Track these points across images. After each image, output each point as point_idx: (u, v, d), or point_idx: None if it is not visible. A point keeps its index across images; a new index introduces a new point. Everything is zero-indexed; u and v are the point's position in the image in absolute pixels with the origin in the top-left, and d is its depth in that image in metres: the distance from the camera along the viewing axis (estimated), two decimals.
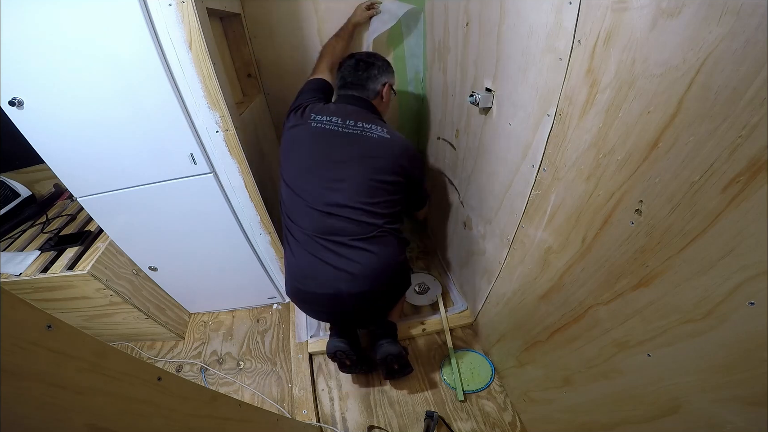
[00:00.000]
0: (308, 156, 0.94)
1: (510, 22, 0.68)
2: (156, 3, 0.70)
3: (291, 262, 0.96)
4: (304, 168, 0.94)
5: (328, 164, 0.92)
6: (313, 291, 0.92)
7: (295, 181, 0.94)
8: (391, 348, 1.02)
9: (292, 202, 0.94)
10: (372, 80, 1.03)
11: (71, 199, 1.39)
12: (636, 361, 0.53)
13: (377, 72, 1.04)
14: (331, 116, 0.95)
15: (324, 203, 0.90)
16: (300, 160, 0.95)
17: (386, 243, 0.93)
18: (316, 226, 0.90)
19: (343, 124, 0.95)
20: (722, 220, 0.37)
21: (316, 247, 0.90)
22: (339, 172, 0.92)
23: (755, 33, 0.31)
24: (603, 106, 0.49)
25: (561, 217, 0.64)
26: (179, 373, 1.32)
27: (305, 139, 0.96)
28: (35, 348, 0.29)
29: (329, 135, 0.94)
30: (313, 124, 0.95)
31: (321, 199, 0.91)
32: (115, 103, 0.80)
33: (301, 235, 0.92)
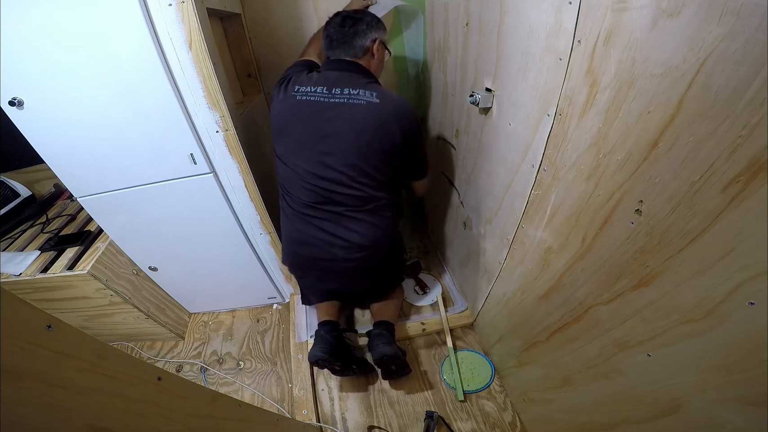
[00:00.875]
0: (296, 132, 0.92)
1: (510, 22, 0.68)
2: (156, 3, 0.70)
3: (288, 229, 0.97)
4: (294, 144, 0.93)
5: (317, 138, 0.89)
6: (308, 256, 0.94)
7: (288, 158, 0.93)
8: (386, 349, 1.02)
9: (287, 176, 0.95)
10: (360, 36, 0.94)
11: (71, 199, 1.39)
12: (636, 361, 0.53)
13: (365, 27, 0.95)
14: (316, 86, 0.91)
15: (319, 177, 0.90)
16: (289, 137, 0.93)
17: (383, 215, 0.94)
18: (314, 198, 0.92)
19: (328, 93, 0.90)
20: (722, 220, 0.37)
21: (313, 215, 0.93)
22: (329, 145, 0.89)
23: (755, 33, 0.31)
24: (603, 106, 0.49)
25: (561, 217, 0.64)
26: (179, 373, 1.32)
27: (291, 115, 0.92)
28: (35, 348, 0.29)
29: (315, 107, 0.90)
30: (298, 97, 0.91)
31: (315, 174, 0.90)
32: (115, 103, 0.80)
33: (298, 204, 0.94)
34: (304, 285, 1.20)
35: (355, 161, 0.89)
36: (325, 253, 0.92)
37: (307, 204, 0.92)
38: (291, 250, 0.97)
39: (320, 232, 0.91)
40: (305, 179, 0.91)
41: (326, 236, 0.91)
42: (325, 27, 0.99)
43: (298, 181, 0.92)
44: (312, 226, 0.92)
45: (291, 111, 0.92)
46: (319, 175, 0.90)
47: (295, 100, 0.91)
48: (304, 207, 0.93)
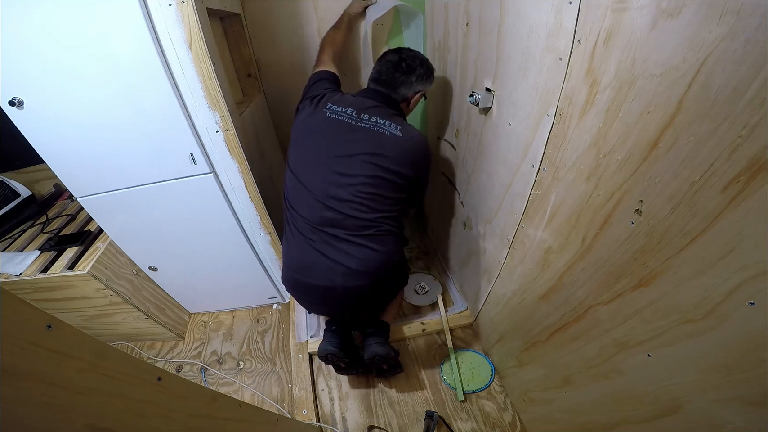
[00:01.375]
0: (316, 147, 0.93)
1: (510, 22, 0.68)
2: (156, 3, 0.70)
3: (288, 251, 0.96)
4: (311, 158, 0.93)
5: (334, 156, 0.90)
6: (307, 282, 0.92)
7: (300, 171, 0.93)
8: (378, 349, 1.02)
9: (295, 191, 0.94)
10: (406, 86, 0.97)
11: (71, 199, 1.39)
12: (636, 361, 0.53)
13: (415, 80, 0.97)
14: (347, 108, 0.93)
15: (327, 196, 0.89)
16: (308, 150, 0.94)
17: (385, 240, 0.92)
18: (317, 218, 0.90)
19: (357, 117, 0.92)
20: (722, 220, 0.37)
21: (315, 238, 0.91)
22: (345, 166, 0.90)
23: (755, 33, 0.31)
24: (603, 106, 0.49)
25: (561, 217, 0.64)
26: (179, 373, 1.32)
27: (316, 129, 0.94)
28: (35, 348, 0.29)
29: (340, 127, 0.92)
30: (327, 114, 0.93)
31: (324, 191, 0.89)
32: (115, 103, 0.80)
33: (301, 224, 0.92)
34: (304, 305, 1.18)
35: (366, 185, 0.89)
36: (324, 279, 0.90)
37: (310, 224, 0.91)
38: (290, 275, 0.96)
39: (320, 257, 0.90)
40: (314, 196, 0.90)
41: (326, 261, 0.89)
42: (380, 59, 1.01)
43: (305, 197, 0.91)
44: (312, 251, 0.90)
45: (317, 125, 0.94)
46: (329, 194, 0.89)
47: (323, 116, 0.93)
48: (306, 228, 0.91)
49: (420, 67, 0.98)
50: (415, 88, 0.99)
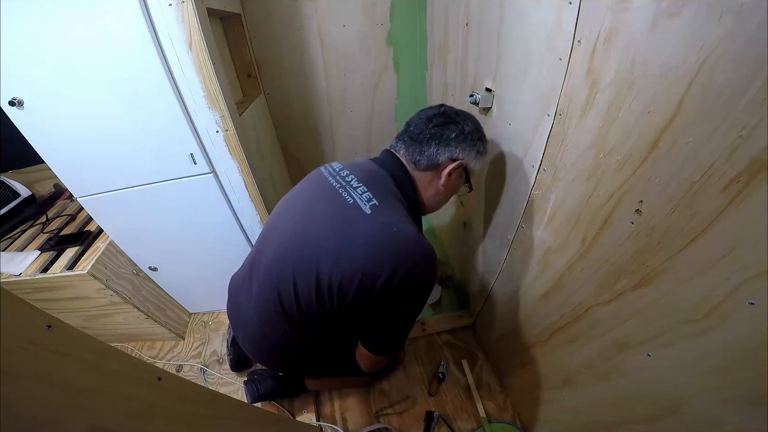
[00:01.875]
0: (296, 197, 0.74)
1: (510, 22, 0.68)
2: (156, 3, 0.70)
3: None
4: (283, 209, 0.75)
5: (282, 220, 0.71)
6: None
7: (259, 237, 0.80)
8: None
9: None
10: (438, 142, 0.67)
11: (71, 199, 1.39)
12: (636, 361, 0.53)
13: (455, 136, 0.67)
14: (353, 163, 0.72)
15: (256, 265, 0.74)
16: (285, 202, 0.76)
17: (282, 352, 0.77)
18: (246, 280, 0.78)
19: (334, 172, 0.70)
20: (722, 220, 0.37)
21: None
22: (278, 234, 0.70)
23: (755, 33, 0.31)
24: (603, 106, 0.49)
25: (561, 217, 0.64)
26: (179, 373, 1.31)
27: (301, 188, 0.75)
28: (35, 348, 0.29)
29: (310, 183, 0.73)
30: (322, 170, 0.74)
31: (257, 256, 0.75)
32: (115, 102, 0.80)
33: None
34: None
35: (290, 276, 0.63)
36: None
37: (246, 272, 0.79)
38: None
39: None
40: (255, 247, 0.78)
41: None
42: (418, 113, 0.73)
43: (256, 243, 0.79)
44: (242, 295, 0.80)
45: (303, 185, 0.76)
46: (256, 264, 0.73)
47: (317, 174, 0.74)
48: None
49: (465, 121, 0.68)
50: (451, 151, 0.67)
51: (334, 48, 1.26)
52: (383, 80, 1.37)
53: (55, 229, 1.22)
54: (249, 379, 1.08)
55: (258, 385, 1.04)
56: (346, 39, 1.25)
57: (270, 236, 0.73)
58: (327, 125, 1.45)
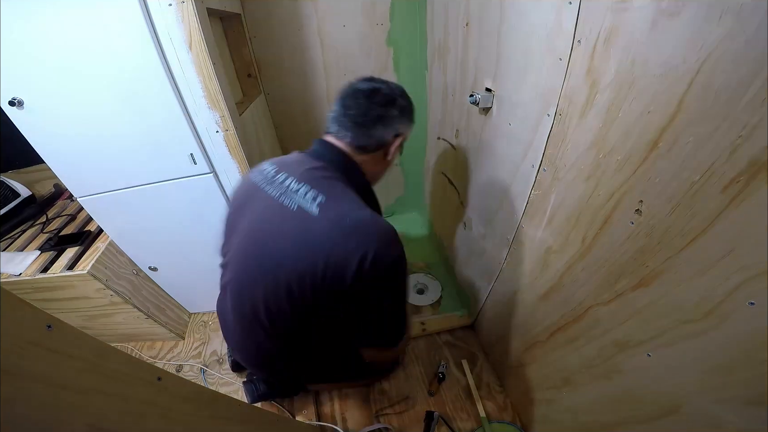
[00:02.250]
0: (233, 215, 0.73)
1: (510, 22, 0.68)
2: (156, 3, 0.70)
3: None
4: (226, 228, 0.74)
5: (226, 240, 0.70)
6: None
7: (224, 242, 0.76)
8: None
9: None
10: (385, 123, 0.67)
11: (71, 199, 1.39)
12: (636, 361, 0.53)
13: (398, 113, 0.67)
14: (280, 166, 0.67)
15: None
16: (228, 219, 0.75)
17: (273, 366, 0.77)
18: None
19: (268, 179, 0.65)
20: (722, 220, 0.37)
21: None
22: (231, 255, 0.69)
23: (755, 33, 0.31)
24: (603, 106, 0.49)
25: (561, 217, 0.64)
26: (179, 373, 1.32)
27: (237, 198, 0.72)
28: (35, 348, 0.29)
29: (241, 197, 0.70)
30: (253, 178, 0.69)
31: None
32: (115, 102, 0.80)
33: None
34: None
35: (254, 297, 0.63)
36: None
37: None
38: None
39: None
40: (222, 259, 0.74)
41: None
42: (342, 96, 0.69)
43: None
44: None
45: (237, 195, 0.72)
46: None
47: (248, 184, 0.69)
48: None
49: (400, 96, 0.69)
50: (395, 128, 0.68)
51: (334, 48, 1.26)
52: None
53: (55, 229, 1.22)
54: (248, 379, 1.08)
55: (257, 385, 1.04)
56: (346, 39, 1.25)
57: (230, 260, 0.70)
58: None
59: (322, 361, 0.82)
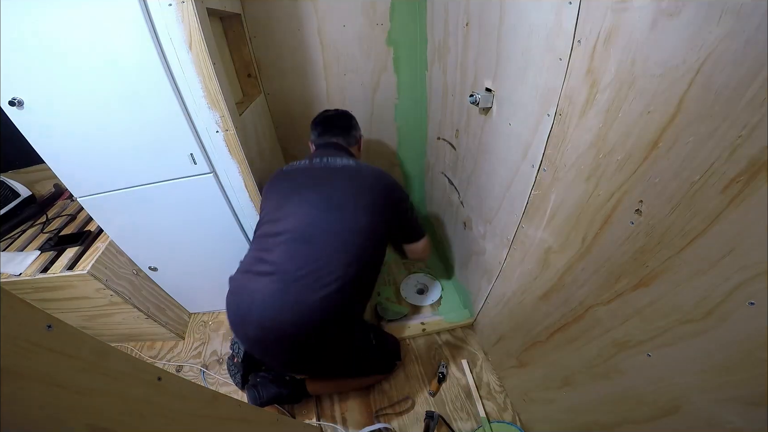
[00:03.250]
0: (276, 193, 0.96)
1: (510, 22, 0.68)
2: (156, 3, 0.70)
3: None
4: (273, 204, 0.94)
5: (291, 194, 0.93)
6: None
7: (272, 216, 0.93)
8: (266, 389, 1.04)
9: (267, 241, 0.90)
10: (352, 129, 1.14)
11: (71, 199, 1.39)
12: (636, 361, 0.53)
13: (354, 122, 1.16)
14: (299, 161, 1.01)
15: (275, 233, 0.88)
16: (269, 201, 0.97)
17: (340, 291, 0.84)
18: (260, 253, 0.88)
19: (309, 163, 0.99)
20: (722, 220, 0.37)
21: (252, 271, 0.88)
22: (301, 197, 0.91)
23: (755, 33, 0.31)
24: (603, 106, 0.49)
25: (561, 217, 0.64)
26: (179, 373, 1.32)
27: (272, 186, 0.99)
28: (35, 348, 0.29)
29: (295, 174, 0.97)
30: (284, 169, 1.01)
31: (274, 222, 0.90)
32: (114, 102, 0.80)
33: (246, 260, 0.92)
34: None
35: (324, 217, 0.86)
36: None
37: (255, 256, 0.89)
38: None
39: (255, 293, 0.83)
40: (267, 232, 0.90)
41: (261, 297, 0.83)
42: (315, 120, 1.15)
43: (257, 235, 0.93)
44: (250, 284, 0.86)
45: (273, 186, 0.99)
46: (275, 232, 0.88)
47: (280, 176, 1.00)
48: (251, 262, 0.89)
49: (350, 114, 1.18)
50: (357, 131, 1.16)
51: (334, 48, 1.26)
52: (383, 80, 1.37)
53: (55, 229, 1.22)
54: (251, 384, 1.08)
55: (260, 391, 1.04)
56: (346, 39, 1.25)
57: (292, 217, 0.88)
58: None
59: (348, 354, 0.96)
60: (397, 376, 1.17)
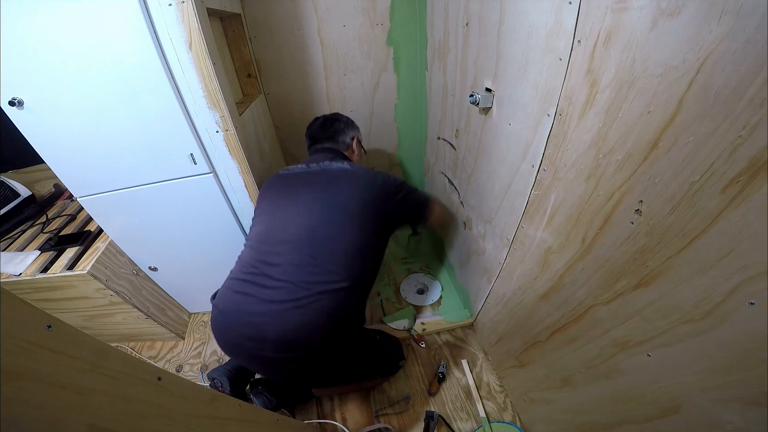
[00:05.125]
0: (271, 197, 0.95)
1: (510, 22, 0.68)
2: (156, 3, 0.70)
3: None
4: (267, 207, 0.93)
5: (289, 200, 0.91)
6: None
7: (255, 234, 0.91)
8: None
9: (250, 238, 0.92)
10: (340, 133, 1.12)
11: (71, 199, 1.39)
12: (636, 361, 0.53)
13: (343, 126, 1.13)
14: (295, 165, 1.01)
15: (275, 240, 0.85)
16: (264, 203, 0.95)
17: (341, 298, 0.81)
18: (253, 264, 0.84)
19: (306, 167, 0.98)
20: (722, 220, 0.37)
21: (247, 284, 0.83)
22: (299, 205, 0.89)
23: (755, 33, 0.31)
24: (603, 106, 0.49)
25: (561, 217, 0.64)
26: (179, 373, 1.32)
27: (270, 188, 0.97)
28: (35, 348, 0.29)
29: (292, 178, 0.96)
30: (281, 172, 1.00)
31: (273, 233, 0.87)
32: (114, 102, 0.80)
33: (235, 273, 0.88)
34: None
35: (313, 223, 0.84)
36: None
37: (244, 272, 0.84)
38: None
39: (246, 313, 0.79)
40: (254, 243, 0.88)
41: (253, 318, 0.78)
42: (307, 130, 1.17)
43: (248, 244, 0.90)
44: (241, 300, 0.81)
45: (267, 187, 0.98)
46: (278, 238, 0.85)
47: (276, 177, 0.99)
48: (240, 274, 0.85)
49: (341, 116, 1.16)
50: (348, 134, 1.14)
51: (334, 48, 1.26)
52: (383, 80, 1.37)
53: (55, 229, 1.22)
54: (256, 391, 1.05)
55: (269, 396, 1.03)
56: (346, 39, 1.25)
57: (289, 219, 0.87)
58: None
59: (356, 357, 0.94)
60: (397, 376, 1.17)
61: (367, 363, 1.01)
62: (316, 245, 0.82)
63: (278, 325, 0.76)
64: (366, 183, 0.92)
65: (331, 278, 0.80)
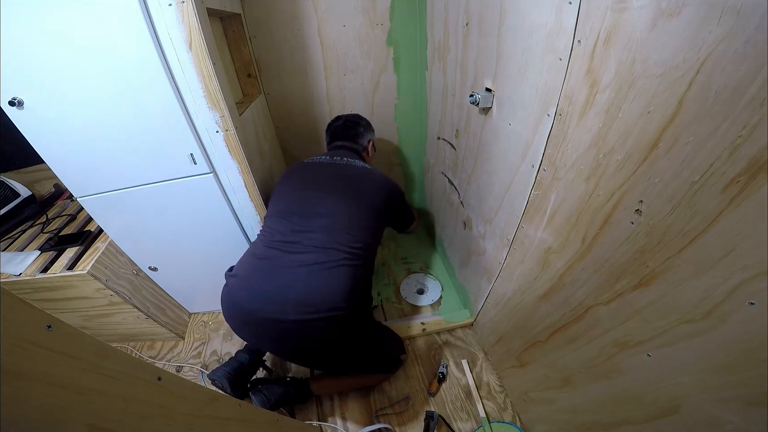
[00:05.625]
0: (296, 179, 1.06)
1: (510, 22, 0.68)
2: (156, 3, 0.70)
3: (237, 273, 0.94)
4: (291, 189, 1.03)
5: (313, 183, 1.03)
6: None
7: (277, 197, 1.03)
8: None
9: (269, 214, 1.00)
10: (360, 136, 1.22)
11: (71, 199, 1.39)
12: (636, 361, 0.53)
13: (362, 130, 1.23)
14: (320, 156, 1.12)
15: (296, 214, 0.95)
16: (288, 185, 1.05)
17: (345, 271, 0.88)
18: (280, 235, 0.92)
19: (330, 158, 1.10)
20: (722, 220, 0.37)
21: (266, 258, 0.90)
22: (320, 186, 1.01)
23: (755, 33, 0.31)
24: (603, 106, 0.49)
25: (561, 217, 0.64)
26: (179, 373, 1.31)
27: (294, 172, 1.09)
28: (35, 348, 0.29)
29: (317, 165, 1.08)
30: (306, 160, 1.12)
31: (295, 209, 0.97)
32: (115, 103, 0.80)
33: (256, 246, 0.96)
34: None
35: (340, 205, 0.96)
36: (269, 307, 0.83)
37: (269, 243, 0.91)
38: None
39: (266, 282, 0.85)
40: (283, 214, 0.96)
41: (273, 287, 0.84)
42: (327, 129, 1.27)
43: (275, 216, 0.97)
44: (259, 273, 0.87)
45: (295, 170, 1.10)
46: (298, 211, 0.96)
47: (302, 164, 1.11)
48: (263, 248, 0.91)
49: (361, 120, 1.25)
50: (366, 137, 1.24)
51: (334, 48, 1.26)
52: (383, 80, 1.37)
53: (55, 229, 1.22)
54: (255, 389, 1.06)
55: (267, 394, 1.03)
56: (346, 39, 1.25)
57: (306, 214, 0.95)
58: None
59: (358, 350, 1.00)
60: (397, 376, 1.17)
61: (373, 346, 1.05)
62: (348, 224, 0.94)
63: (302, 285, 0.83)
64: (382, 186, 1.06)
65: (352, 254, 0.90)
